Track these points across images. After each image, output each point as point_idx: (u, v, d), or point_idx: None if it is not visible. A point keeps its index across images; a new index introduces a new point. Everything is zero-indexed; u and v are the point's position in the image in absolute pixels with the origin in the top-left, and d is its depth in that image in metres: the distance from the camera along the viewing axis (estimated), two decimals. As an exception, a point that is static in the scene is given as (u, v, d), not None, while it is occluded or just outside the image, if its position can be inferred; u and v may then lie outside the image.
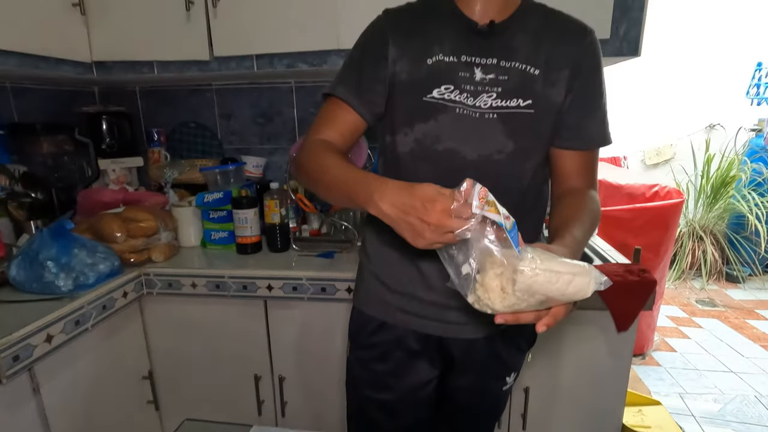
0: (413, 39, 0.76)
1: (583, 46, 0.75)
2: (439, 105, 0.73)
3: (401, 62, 0.76)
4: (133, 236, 1.27)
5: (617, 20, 1.16)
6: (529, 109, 0.73)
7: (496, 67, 0.73)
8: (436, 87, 0.73)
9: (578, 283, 0.55)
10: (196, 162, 1.67)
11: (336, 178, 0.69)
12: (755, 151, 3.34)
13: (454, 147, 0.74)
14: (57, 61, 1.24)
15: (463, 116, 0.73)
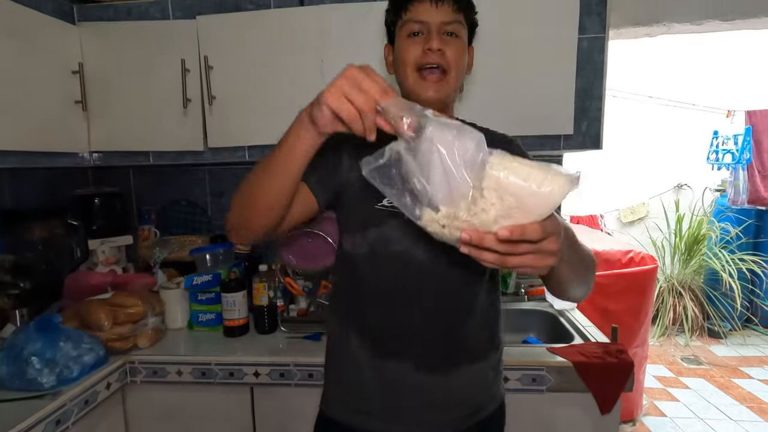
0: (365, 154, 0.82)
1: (512, 148, 0.84)
2: (389, 212, 0.79)
3: (354, 172, 0.82)
4: (120, 323, 1.27)
5: (579, 119, 1.29)
6: None
7: None
8: (384, 197, 0.79)
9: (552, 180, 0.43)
10: (185, 239, 1.70)
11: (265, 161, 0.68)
12: (721, 211, 3.52)
13: (405, 249, 0.79)
14: (56, 155, 1.30)
15: (411, 222, 0.79)
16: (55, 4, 1.30)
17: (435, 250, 0.78)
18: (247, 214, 0.72)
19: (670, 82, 3.59)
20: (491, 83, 1.27)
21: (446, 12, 0.79)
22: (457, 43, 0.81)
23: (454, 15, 0.80)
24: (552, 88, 1.27)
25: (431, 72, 0.80)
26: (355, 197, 0.82)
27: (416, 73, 0.80)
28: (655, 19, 1.57)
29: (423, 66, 0.79)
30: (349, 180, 0.83)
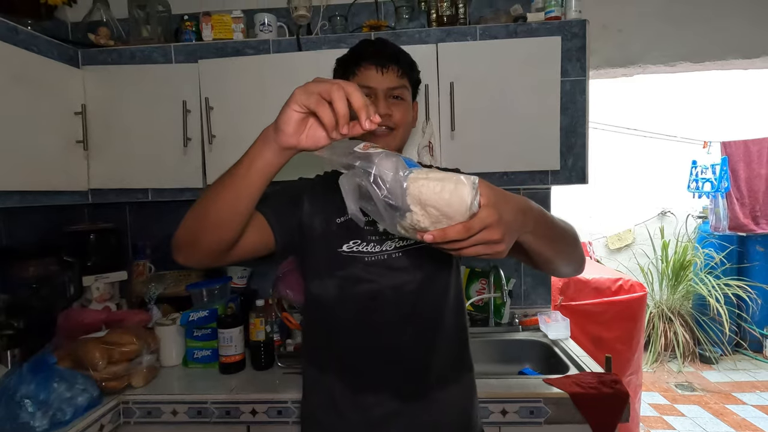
0: (325, 203, 0.86)
1: None
2: (351, 257, 0.83)
3: (316, 219, 0.86)
4: (115, 362, 1.26)
5: (565, 155, 1.36)
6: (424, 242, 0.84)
7: None
8: (345, 242, 0.84)
9: (459, 188, 0.51)
10: (180, 274, 1.70)
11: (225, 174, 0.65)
12: (704, 237, 3.62)
13: (371, 285, 0.83)
14: (56, 193, 1.31)
15: (373, 262, 0.84)
16: (60, 49, 1.34)
17: (399, 279, 0.83)
18: (195, 228, 0.68)
19: (649, 114, 3.76)
20: (482, 123, 1.34)
21: (391, 78, 0.85)
22: (402, 105, 0.87)
23: (399, 80, 0.86)
24: (538, 127, 1.34)
25: (379, 133, 0.85)
26: (318, 243, 0.85)
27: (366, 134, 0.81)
28: (631, 61, 1.67)
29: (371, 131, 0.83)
30: (312, 225, 0.85)
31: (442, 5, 1.42)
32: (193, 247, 0.70)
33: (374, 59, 0.85)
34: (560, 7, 1.36)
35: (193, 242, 0.69)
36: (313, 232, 0.85)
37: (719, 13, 1.61)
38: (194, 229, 0.68)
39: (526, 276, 1.75)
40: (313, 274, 0.87)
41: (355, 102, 0.55)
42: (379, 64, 0.85)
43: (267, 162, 0.61)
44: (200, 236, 0.68)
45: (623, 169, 3.82)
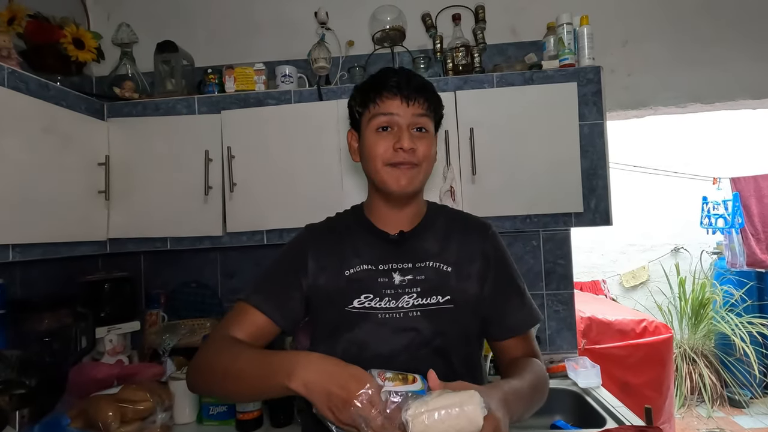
0: (332, 254, 0.83)
1: (488, 241, 0.86)
2: (361, 314, 0.77)
3: (322, 276, 0.81)
4: (128, 421, 1.20)
5: (587, 197, 1.35)
6: (448, 304, 0.78)
7: (412, 269, 0.80)
8: (356, 297, 0.78)
9: (468, 413, 0.55)
10: (194, 323, 1.65)
11: (250, 360, 0.69)
12: (721, 273, 3.55)
13: (381, 351, 0.76)
14: (76, 244, 1.30)
15: (387, 320, 0.77)
16: (88, 103, 1.38)
17: (410, 349, 0.76)
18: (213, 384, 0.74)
19: (657, 152, 3.80)
20: (503, 167, 1.35)
21: (417, 109, 0.79)
22: (426, 138, 0.81)
23: (425, 111, 0.80)
24: (560, 170, 1.34)
25: (402, 165, 0.79)
26: (324, 302, 0.80)
27: (387, 167, 0.79)
28: (642, 104, 1.70)
29: (395, 163, 0.79)
30: (317, 285, 0.81)
31: (457, 55, 1.47)
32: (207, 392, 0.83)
33: (399, 89, 0.78)
34: (573, 54, 1.40)
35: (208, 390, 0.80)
36: (319, 292, 0.81)
37: (727, 55, 1.65)
38: (211, 384, 0.74)
39: (550, 320, 1.69)
40: (319, 336, 0.82)
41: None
42: (404, 95, 0.78)
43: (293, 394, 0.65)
44: (215, 391, 0.77)
45: (635, 207, 3.81)
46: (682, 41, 1.68)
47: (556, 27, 1.43)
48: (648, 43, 1.69)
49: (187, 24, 1.76)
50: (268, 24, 1.74)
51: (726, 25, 1.67)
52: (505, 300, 0.84)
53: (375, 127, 0.80)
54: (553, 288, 1.69)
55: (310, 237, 0.88)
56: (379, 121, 0.79)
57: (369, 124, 0.81)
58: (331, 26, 1.62)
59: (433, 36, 1.55)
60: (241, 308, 0.81)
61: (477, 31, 1.52)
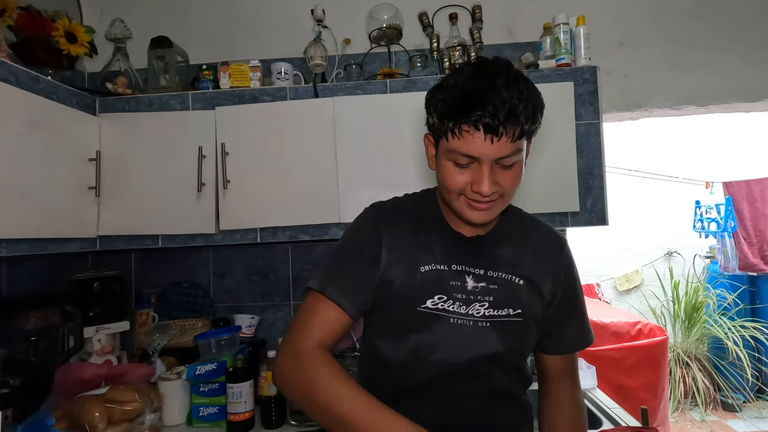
0: (407, 245, 0.77)
1: (562, 259, 0.83)
2: (434, 315, 0.73)
3: (395, 268, 0.75)
4: (116, 422, 1.17)
5: (583, 196, 1.34)
6: (518, 317, 0.76)
7: (485, 277, 0.76)
8: (429, 297, 0.74)
9: None
10: (185, 323, 1.62)
11: (356, 410, 0.63)
12: (714, 277, 3.57)
13: (447, 357, 0.73)
14: (65, 240, 1.27)
15: (458, 325, 0.74)
16: (79, 97, 1.36)
17: (480, 357, 0.74)
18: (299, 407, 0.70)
19: (650, 155, 3.82)
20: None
21: (504, 146, 0.65)
22: (514, 169, 0.69)
23: (514, 145, 0.66)
24: (556, 169, 1.33)
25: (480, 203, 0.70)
26: (395, 297, 0.75)
27: (463, 197, 0.71)
28: (637, 105, 1.71)
29: (471, 199, 0.71)
30: (388, 278, 0.75)
31: (454, 54, 1.46)
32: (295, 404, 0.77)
33: (483, 121, 0.64)
34: (570, 54, 1.40)
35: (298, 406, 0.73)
36: (391, 286, 0.75)
37: (722, 58, 1.66)
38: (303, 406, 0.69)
39: (545, 321, 1.68)
40: (383, 332, 0.77)
41: None
42: (489, 130, 0.64)
43: None
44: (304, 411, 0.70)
45: (628, 210, 3.83)
46: (678, 44, 1.69)
47: (552, 27, 1.43)
48: (644, 45, 1.69)
49: (182, 20, 1.75)
50: (264, 21, 1.72)
51: (721, 29, 1.68)
52: (568, 318, 0.83)
53: (452, 160, 0.69)
54: (548, 289, 1.68)
55: (384, 221, 0.79)
56: (456, 159, 0.68)
57: (446, 153, 0.70)
58: (328, 24, 1.61)
59: (430, 35, 1.54)
60: (318, 302, 0.74)
61: (474, 30, 1.52)
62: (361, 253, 0.77)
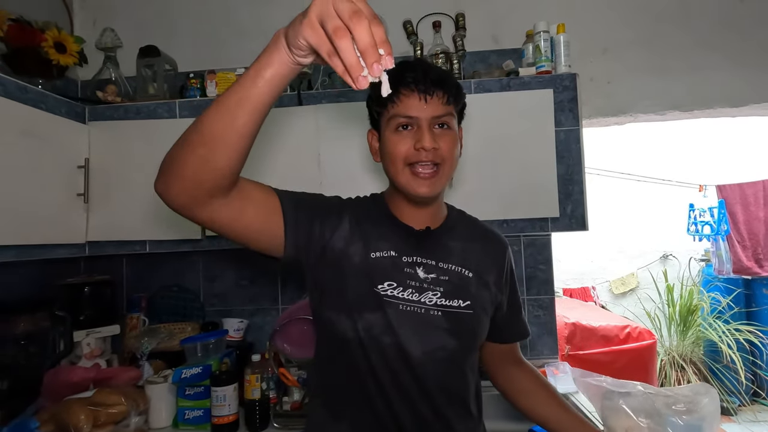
0: (363, 230, 0.80)
1: (505, 256, 0.90)
2: (386, 299, 0.75)
3: (356, 245, 0.77)
4: (101, 425, 1.19)
5: (563, 202, 1.36)
6: (468, 309, 0.79)
7: (436, 268, 0.79)
8: (380, 282, 0.76)
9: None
10: (174, 327, 1.65)
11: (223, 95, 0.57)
12: (709, 280, 3.57)
13: (400, 342, 0.74)
14: (53, 246, 1.30)
15: (409, 312, 0.76)
16: (68, 106, 1.39)
17: (431, 345, 0.76)
18: (184, 143, 0.59)
19: (644, 159, 3.84)
20: (480, 173, 1.36)
21: (436, 106, 0.75)
22: (449, 134, 0.77)
23: (445, 107, 0.75)
24: (536, 175, 1.35)
25: (424, 167, 0.75)
26: (354, 274, 0.76)
27: (408, 168, 0.76)
28: (622, 111, 1.73)
29: (415, 162, 0.76)
30: (348, 252, 0.77)
31: (437, 62, 1.48)
32: (176, 167, 0.59)
33: (416, 84, 0.74)
34: (550, 61, 1.42)
35: (178, 160, 0.59)
36: (351, 260, 0.76)
37: (705, 64, 1.68)
38: (183, 144, 0.59)
39: (531, 325, 1.68)
40: (337, 308, 0.77)
41: (360, 40, 0.44)
42: (422, 90, 0.74)
43: (276, 70, 0.53)
44: (187, 153, 0.58)
45: (623, 214, 3.85)
46: (662, 49, 1.71)
47: (533, 34, 1.45)
48: (627, 51, 1.71)
49: (172, 29, 1.78)
50: (251, 30, 1.76)
51: (705, 34, 1.69)
52: (514, 311, 0.93)
53: (395, 126, 0.76)
54: (534, 293, 1.69)
55: (350, 201, 0.86)
56: (399, 121, 0.76)
57: (388, 124, 0.77)
58: (314, 32, 1.63)
59: (414, 42, 1.57)
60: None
61: (457, 38, 1.54)
62: (321, 200, 0.82)
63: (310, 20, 0.46)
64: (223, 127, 0.56)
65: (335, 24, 0.45)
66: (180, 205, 0.63)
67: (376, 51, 0.44)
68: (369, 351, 0.75)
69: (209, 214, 0.65)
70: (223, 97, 0.57)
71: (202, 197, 0.62)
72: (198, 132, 0.58)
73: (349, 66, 0.45)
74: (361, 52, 0.45)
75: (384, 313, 0.75)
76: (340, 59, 0.45)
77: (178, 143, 0.60)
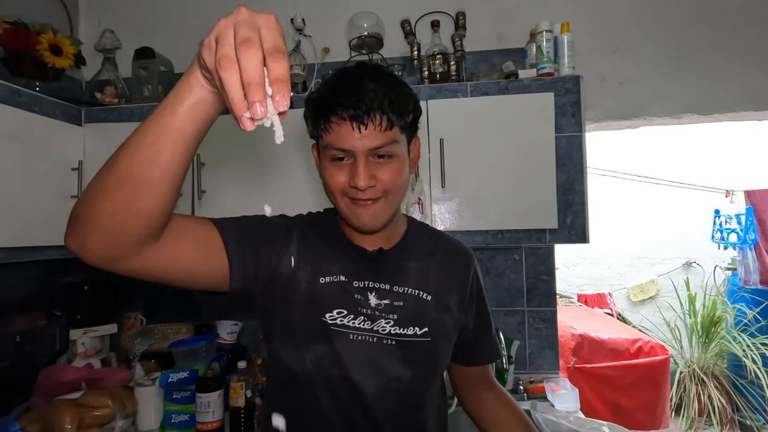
0: (313, 253, 0.73)
1: (469, 271, 0.82)
2: (334, 328, 0.70)
3: (303, 270, 0.71)
4: (86, 427, 1.20)
5: (563, 213, 1.29)
6: (426, 337, 0.72)
7: (390, 293, 0.73)
8: (328, 310, 0.70)
9: None
10: (170, 328, 1.66)
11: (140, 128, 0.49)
12: (735, 291, 3.38)
13: (351, 377, 0.69)
14: (44, 248, 1.31)
15: (359, 342, 0.70)
16: (63, 108, 1.40)
17: (384, 378, 0.70)
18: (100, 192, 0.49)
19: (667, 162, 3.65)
20: (474, 180, 1.30)
21: (374, 136, 0.64)
22: (391, 164, 0.67)
23: (385, 135, 0.65)
24: (534, 184, 1.28)
25: (364, 201, 0.68)
26: (300, 302, 0.71)
27: (347, 198, 0.69)
28: (635, 114, 1.62)
29: (353, 198, 0.68)
30: (296, 278, 0.71)
31: (434, 63, 1.43)
32: (91, 217, 0.50)
33: (347, 110, 0.63)
34: (553, 63, 1.34)
35: (92, 210, 0.50)
36: (298, 287, 0.70)
37: (727, 64, 1.56)
38: (96, 191, 0.50)
39: (531, 338, 1.63)
40: (284, 339, 0.71)
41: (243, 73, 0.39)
42: (355, 118, 0.63)
43: (197, 96, 0.47)
44: (102, 200, 0.49)
45: (644, 218, 3.68)
46: (678, 49, 1.59)
47: (535, 34, 1.37)
48: (642, 49, 1.61)
49: (173, 30, 1.78)
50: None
51: (725, 33, 1.57)
52: (482, 331, 0.85)
53: (329, 157, 0.68)
54: (534, 304, 1.62)
55: (298, 221, 0.78)
56: (332, 153, 0.67)
57: (323, 152, 0.69)
58: (308, 32, 1.60)
59: (411, 43, 1.51)
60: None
61: (456, 38, 1.48)
62: (266, 223, 0.73)
63: (208, 41, 0.41)
64: (144, 166, 0.47)
65: (223, 52, 0.39)
66: (102, 260, 0.54)
67: (262, 89, 0.38)
68: (317, 387, 0.70)
69: (140, 264, 0.56)
70: (139, 132, 0.48)
71: (128, 248, 0.53)
72: (114, 175, 0.48)
73: (230, 102, 0.39)
74: (244, 87, 0.39)
75: (332, 344, 0.69)
76: None
77: (89, 191, 0.51)
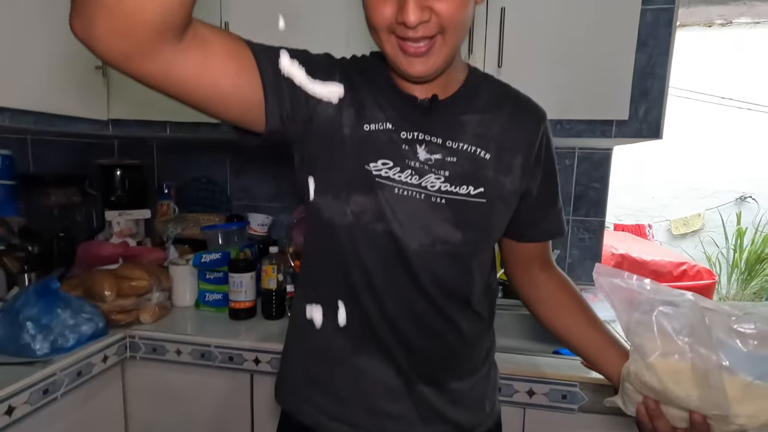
0: (357, 96, 0.64)
1: (538, 131, 0.68)
2: (379, 180, 0.62)
3: (348, 112, 0.63)
4: (124, 295, 1.23)
5: (636, 102, 1.12)
6: (480, 198, 0.64)
7: (442, 148, 0.64)
8: (373, 160, 0.62)
9: None
10: (202, 217, 1.65)
11: None
12: (791, 228, 3.15)
13: (394, 231, 0.62)
14: (73, 119, 1.27)
15: (405, 197, 0.62)
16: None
17: (430, 237, 0.63)
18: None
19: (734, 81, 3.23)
20: (536, 59, 1.13)
21: None
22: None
23: None
24: (606, 65, 1.11)
25: (415, 42, 0.56)
26: (342, 148, 0.63)
27: (394, 37, 0.57)
28: (734, -4, 1.36)
29: (402, 37, 0.56)
30: (341, 121, 0.63)
31: None
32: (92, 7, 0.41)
33: None
34: None
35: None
36: (340, 132, 0.62)
37: None
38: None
39: (573, 248, 1.54)
40: (328, 186, 0.64)
41: None
42: None
43: None
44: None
45: (699, 144, 3.36)
46: None
47: None
48: None
49: None
50: None
51: None
52: (547, 203, 0.73)
53: None
54: (581, 213, 1.51)
55: (341, 61, 0.67)
56: None
57: None
58: None
59: None
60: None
61: None
62: (314, 60, 0.63)
63: None
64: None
65: None
66: (116, 52, 0.45)
67: None
68: (358, 240, 0.63)
69: (162, 68, 0.47)
70: None
71: (144, 39, 0.44)
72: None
73: None
74: None
75: (376, 196, 0.62)
76: None
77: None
